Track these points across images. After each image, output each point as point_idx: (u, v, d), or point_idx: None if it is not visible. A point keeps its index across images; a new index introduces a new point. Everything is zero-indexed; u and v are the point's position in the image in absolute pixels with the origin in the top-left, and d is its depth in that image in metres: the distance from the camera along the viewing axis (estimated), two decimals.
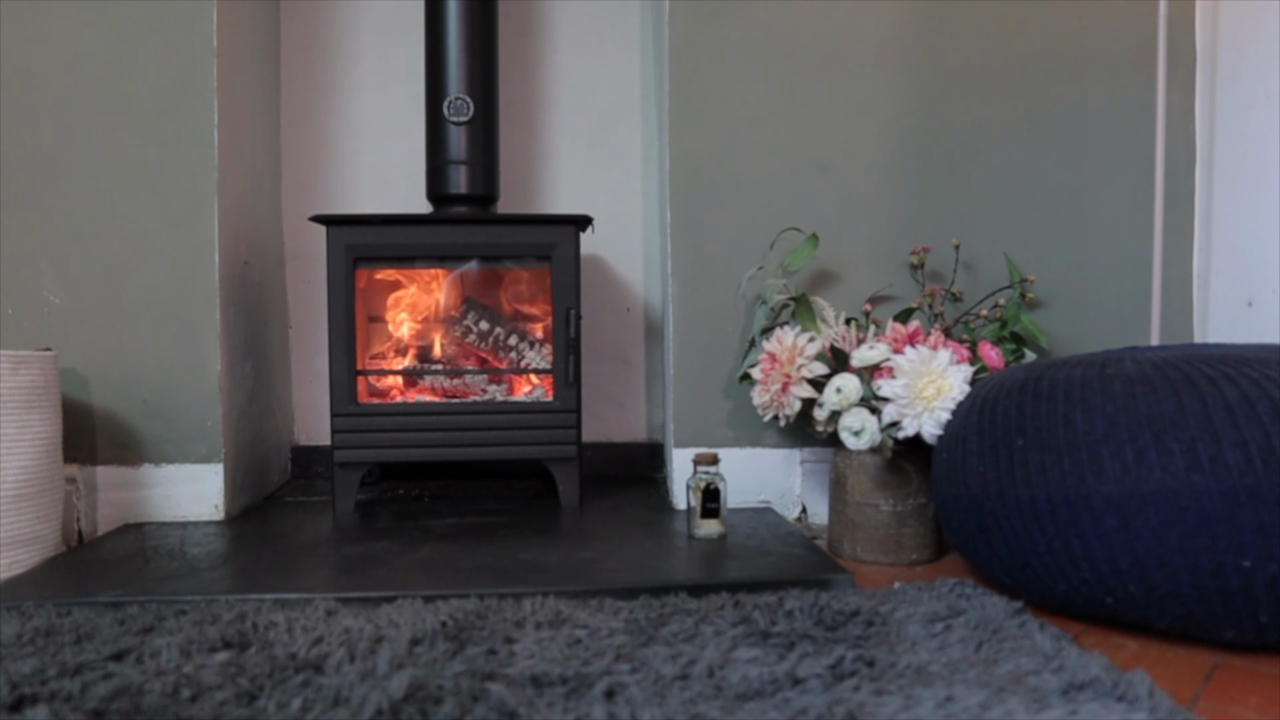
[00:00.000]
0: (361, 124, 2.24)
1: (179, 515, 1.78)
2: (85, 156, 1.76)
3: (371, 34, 2.24)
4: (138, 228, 1.76)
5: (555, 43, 2.27)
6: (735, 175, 1.89)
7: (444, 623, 1.14)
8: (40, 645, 1.09)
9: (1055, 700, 0.91)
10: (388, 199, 2.23)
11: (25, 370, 1.51)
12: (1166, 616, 1.12)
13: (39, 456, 1.53)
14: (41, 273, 1.75)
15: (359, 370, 1.86)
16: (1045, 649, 1.04)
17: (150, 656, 1.04)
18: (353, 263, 1.82)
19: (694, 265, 1.89)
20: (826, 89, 1.89)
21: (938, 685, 0.94)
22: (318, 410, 2.21)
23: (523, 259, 1.93)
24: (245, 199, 1.94)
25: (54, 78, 1.75)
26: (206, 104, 1.77)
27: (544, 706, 0.90)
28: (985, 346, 1.65)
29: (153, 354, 1.77)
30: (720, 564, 1.44)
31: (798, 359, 1.62)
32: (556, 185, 2.28)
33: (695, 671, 0.98)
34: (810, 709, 0.89)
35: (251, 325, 1.96)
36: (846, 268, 1.90)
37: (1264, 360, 1.14)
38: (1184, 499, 1.07)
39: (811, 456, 1.89)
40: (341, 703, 0.91)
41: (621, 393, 2.29)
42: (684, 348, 1.89)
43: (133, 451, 1.77)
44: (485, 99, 1.93)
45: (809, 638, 1.09)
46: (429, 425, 1.84)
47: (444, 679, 0.95)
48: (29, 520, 1.50)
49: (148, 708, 0.91)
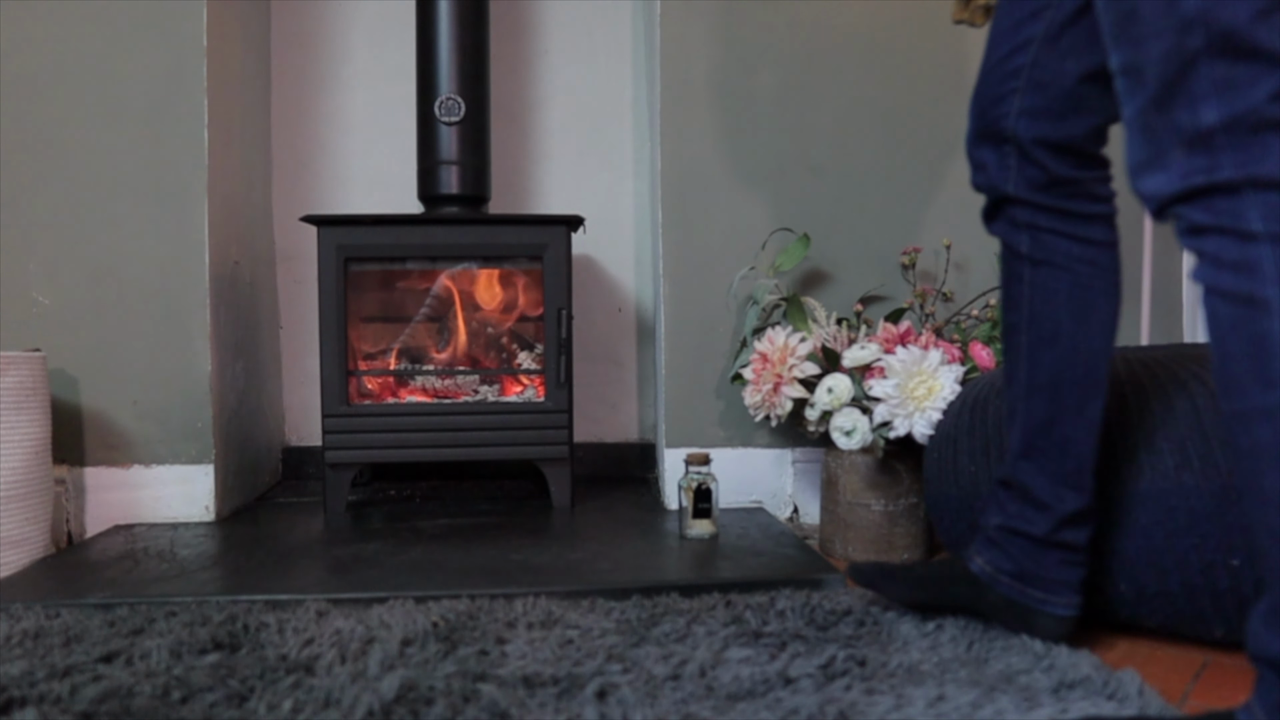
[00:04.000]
0: (352, 124, 2.24)
1: (169, 516, 1.77)
2: (74, 156, 1.75)
3: (362, 33, 2.23)
4: (127, 228, 1.76)
5: (547, 43, 2.27)
6: (727, 175, 1.89)
7: (435, 623, 1.14)
8: (29, 647, 1.08)
9: (1046, 699, 0.91)
10: (379, 199, 2.22)
11: (14, 371, 1.51)
12: (1156, 615, 1.12)
13: (28, 458, 1.52)
14: (30, 273, 1.74)
15: (351, 370, 1.85)
16: (1036, 648, 1.05)
17: (140, 658, 1.04)
18: (344, 263, 1.81)
19: (685, 265, 1.89)
20: (818, 89, 1.90)
21: (929, 684, 0.95)
22: (309, 411, 2.20)
23: (514, 259, 1.92)
24: (236, 199, 1.93)
25: (43, 77, 1.74)
26: (196, 103, 1.76)
27: (535, 707, 0.90)
28: (976, 346, 1.65)
29: (143, 355, 1.76)
30: (712, 564, 1.45)
31: (789, 359, 1.62)
32: (548, 185, 2.28)
33: (687, 671, 0.98)
34: (802, 709, 0.89)
35: (242, 326, 1.96)
36: (838, 268, 1.90)
37: None
38: (1173, 498, 1.08)
39: (803, 456, 1.90)
40: (333, 704, 0.91)
41: (613, 393, 2.29)
42: (675, 348, 1.89)
43: (122, 453, 1.76)
44: (476, 99, 1.93)
45: (801, 637, 1.10)
46: (420, 426, 1.84)
47: (435, 680, 0.95)
48: (18, 522, 1.49)
49: (138, 710, 0.90)
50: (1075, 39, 1.01)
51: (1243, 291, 0.76)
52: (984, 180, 1.10)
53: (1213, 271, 0.79)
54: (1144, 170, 0.82)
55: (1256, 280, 0.76)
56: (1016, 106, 1.05)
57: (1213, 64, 0.75)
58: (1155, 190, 0.81)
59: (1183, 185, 0.79)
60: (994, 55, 1.08)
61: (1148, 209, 0.84)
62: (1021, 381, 1.09)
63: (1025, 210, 1.07)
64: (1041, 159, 1.05)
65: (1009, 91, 1.05)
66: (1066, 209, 1.05)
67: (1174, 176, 0.79)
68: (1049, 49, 1.03)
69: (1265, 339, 0.75)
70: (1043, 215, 1.06)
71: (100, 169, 1.75)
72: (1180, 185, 0.79)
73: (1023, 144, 1.05)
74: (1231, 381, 0.78)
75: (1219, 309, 0.79)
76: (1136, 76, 0.81)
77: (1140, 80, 0.80)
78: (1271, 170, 0.75)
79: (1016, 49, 1.05)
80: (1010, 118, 1.05)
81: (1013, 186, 1.07)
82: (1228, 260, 0.77)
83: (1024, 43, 1.04)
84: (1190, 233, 0.81)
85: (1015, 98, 1.05)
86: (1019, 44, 1.04)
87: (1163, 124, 0.79)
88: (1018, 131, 1.05)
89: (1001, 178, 1.07)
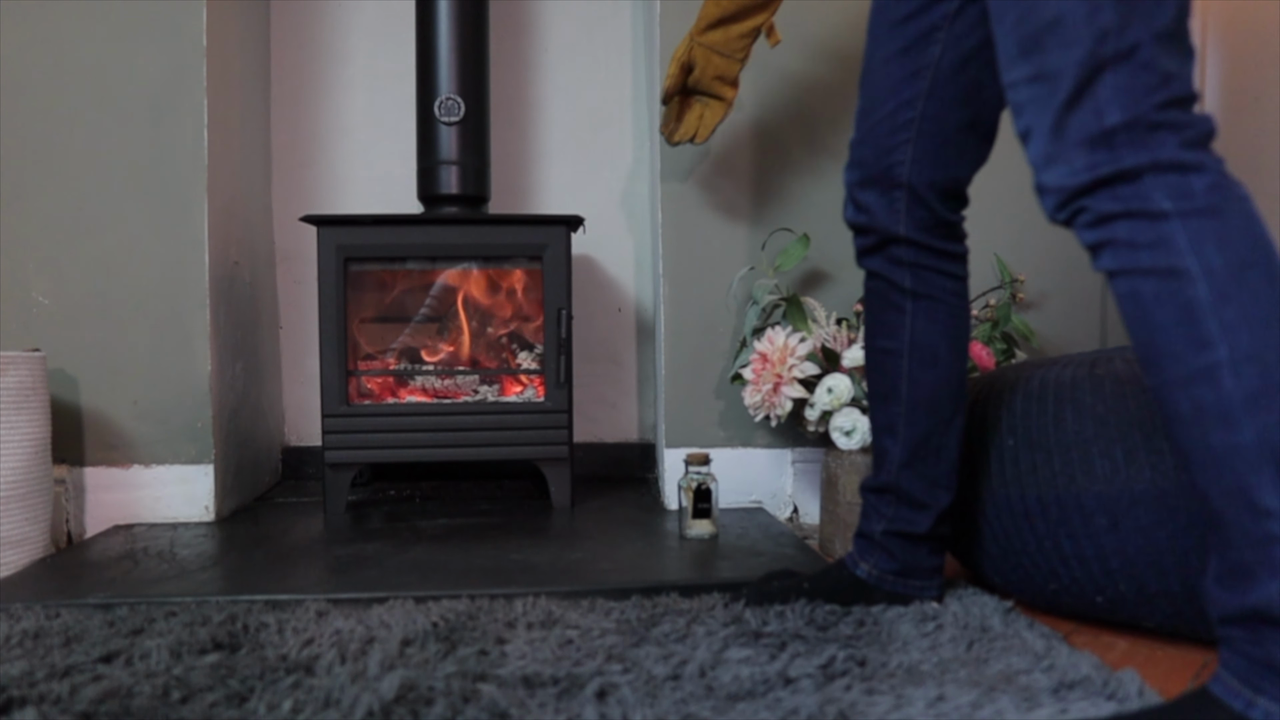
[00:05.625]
0: (352, 124, 2.24)
1: (169, 516, 1.77)
2: (74, 157, 1.75)
3: (362, 34, 2.23)
4: (127, 228, 1.76)
5: (547, 43, 2.27)
6: (726, 176, 1.89)
7: (435, 623, 1.14)
8: (29, 647, 1.08)
9: (1046, 699, 0.91)
10: (378, 199, 2.22)
11: (14, 371, 1.51)
12: (1157, 615, 1.12)
13: (28, 458, 1.52)
14: (30, 273, 1.74)
15: (350, 370, 1.85)
16: (1036, 648, 1.05)
17: (140, 658, 1.04)
18: (344, 263, 1.81)
19: (685, 265, 1.89)
20: (818, 88, 1.90)
21: (929, 685, 0.95)
22: (309, 411, 2.20)
23: (514, 259, 1.92)
24: (235, 199, 1.93)
25: (43, 78, 1.74)
26: (196, 104, 1.76)
27: (535, 707, 0.90)
28: (976, 346, 1.65)
29: (142, 355, 1.76)
30: (712, 564, 1.45)
31: (789, 359, 1.62)
32: (548, 186, 2.28)
33: (687, 672, 0.98)
34: (802, 709, 0.89)
35: (242, 326, 1.96)
36: (838, 268, 1.90)
37: None
38: (1174, 498, 1.08)
39: (803, 456, 1.90)
40: (332, 704, 0.91)
41: (613, 393, 2.29)
42: (675, 348, 1.89)
43: (122, 453, 1.76)
44: (476, 99, 1.93)
45: (800, 637, 1.10)
46: (420, 426, 1.84)
47: (435, 680, 0.95)
48: (17, 522, 1.49)
49: (137, 710, 0.90)
50: (958, 91, 1.14)
51: (1162, 265, 0.83)
52: (866, 221, 1.21)
53: (1128, 254, 0.85)
54: (1050, 165, 0.89)
55: (1175, 254, 0.82)
56: (910, 155, 1.17)
57: (1117, 72, 0.84)
58: (1062, 182, 0.88)
59: (1090, 176, 0.85)
60: (878, 111, 1.18)
61: (1049, 205, 0.90)
62: (903, 400, 1.21)
63: (910, 250, 1.19)
64: (931, 202, 1.17)
65: (901, 142, 1.17)
66: (944, 249, 1.19)
67: (1079, 169, 0.86)
68: (934, 102, 1.15)
69: (1193, 305, 0.81)
70: (925, 254, 1.19)
71: (100, 169, 1.75)
72: (1087, 177, 0.86)
73: (916, 189, 1.17)
74: (1162, 353, 0.84)
75: (1141, 287, 0.84)
76: (1049, 81, 0.88)
77: (1053, 85, 0.87)
78: (1169, 154, 0.83)
79: (902, 105, 1.16)
80: (904, 165, 1.17)
81: (903, 228, 1.18)
82: (1143, 241, 0.84)
83: (910, 99, 1.16)
84: (1098, 223, 0.87)
85: (907, 148, 1.17)
86: (904, 101, 1.16)
87: (1072, 122, 0.86)
88: (911, 178, 1.17)
89: (891, 220, 1.18)
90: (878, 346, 1.24)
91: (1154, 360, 0.85)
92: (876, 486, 1.25)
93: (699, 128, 1.63)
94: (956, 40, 1.13)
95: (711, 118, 1.62)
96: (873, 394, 1.26)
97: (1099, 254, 0.88)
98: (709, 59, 1.55)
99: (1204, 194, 0.82)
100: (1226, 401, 0.79)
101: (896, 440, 1.22)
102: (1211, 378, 0.80)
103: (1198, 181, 0.83)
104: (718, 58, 1.55)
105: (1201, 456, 0.82)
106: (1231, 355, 0.79)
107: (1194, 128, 0.84)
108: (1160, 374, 0.84)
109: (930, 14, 1.14)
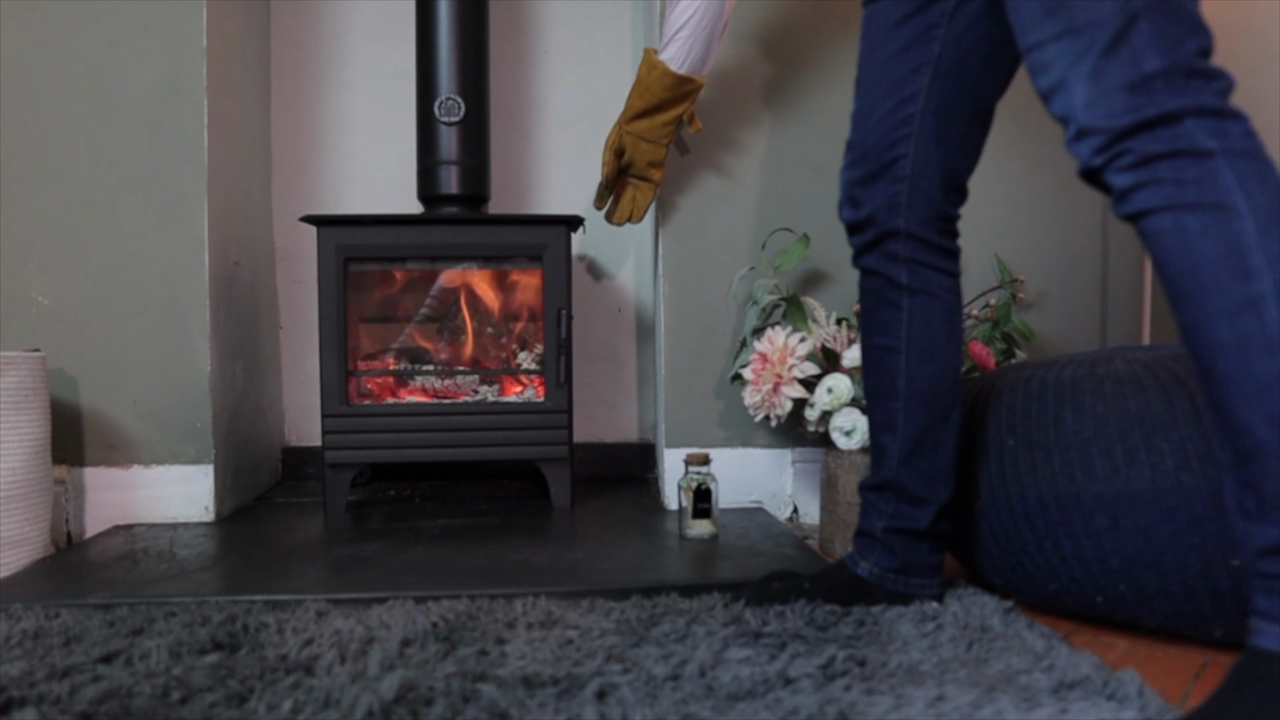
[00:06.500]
0: (352, 124, 2.24)
1: (169, 517, 1.77)
2: (74, 157, 1.75)
3: (362, 34, 2.23)
4: (127, 228, 1.76)
5: (547, 43, 2.27)
6: (726, 175, 1.89)
7: (435, 624, 1.14)
8: (29, 648, 1.08)
9: (1046, 699, 0.91)
10: (378, 199, 2.22)
11: (13, 371, 1.51)
12: (1156, 615, 1.12)
13: (27, 458, 1.52)
14: (30, 273, 1.74)
15: (350, 371, 1.85)
16: (1036, 648, 1.05)
17: (140, 658, 1.04)
18: (344, 263, 1.81)
19: (685, 265, 1.89)
20: (818, 88, 1.90)
21: (929, 684, 0.94)
22: (308, 411, 2.20)
23: (514, 259, 1.92)
24: (235, 199, 1.93)
25: (42, 78, 1.74)
26: (196, 104, 1.76)
27: (535, 707, 0.90)
28: (976, 346, 1.65)
29: (142, 355, 1.76)
30: (712, 564, 1.45)
31: (789, 359, 1.62)
32: (548, 186, 2.28)
33: (687, 672, 0.98)
34: (802, 709, 0.89)
35: (242, 326, 1.96)
36: (838, 268, 1.90)
37: None
38: (1174, 498, 1.08)
39: (803, 456, 1.90)
40: (332, 704, 0.91)
41: (613, 393, 2.29)
42: (675, 348, 1.89)
43: (122, 453, 1.76)
44: (476, 99, 1.93)
45: (800, 638, 1.10)
46: (420, 426, 1.84)
47: (435, 680, 0.95)
48: (17, 522, 1.49)
49: (137, 710, 0.90)
50: (958, 85, 1.17)
51: (1210, 200, 0.85)
52: (863, 216, 1.22)
53: (1173, 189, 0.87)
54: (1090, 108, 0.90)
55: (1222, 190, 0.85)
56: (912, 149, 1.19)
57: (1151, 19, 0.87)
58: (1107, 123, 0.89)
59: (1134, 119, 0.87)
60: (879, 109, 1.20)
61: (1090, 147, 0.91)
62: (901, 396, 1.22)
63: (907, 244, 1.20)
64: (933, 195, 1.19)
65: (903, 137, 1.19)
66: (940, 244, 1.22)
67: (1119, 111, 0.88)
68: (935, 97, 1.18)
69: (1240, 237, 0.83)
70: (922, 249, 1.21)
71: (100, 169, 1.75)
72: (1131, 119, 0.87)
73: (918, 182, 1.19)
74: (1206, 284, 0.85)
75: (1187, 221, 0.86)
76: (1083, 34, 0.90)
77: (1089, 36, 0.90)
78: (1209, 101, 0.86)
79: (904, 100, 1.18)
80: (907, 159, 1.19)
81: (902, 222, 1.20)
82: (1189, 177, 0.86)
83: (912, 94, 1.18)
84: (1140, 164, 0.88)
85: (910, 142, 1.19)
86: (906, 96, 1.18)
87: (1110, 69, 0.89)
88: (913, 171, 1.19)
89: (890, 215, 1.20)
90: (875, 344, 1.25)
91: (1193, 293, 0.86)
92: (876, 484, 1.25)
93: (633, 209, 1.77)
94: (955, 37, 1.16)
95: (643, 199, 1.78)
96: (870, 391, 1.26)
97: (1133, 195, 0.89)
98: (638, 145, 1.70)
99: (1241, 138, 0.86)
100: (1272, 330, 0.81)
101: (895, 436, 1.23)
102: (1257, 308, 0.82)
103: (1234, 127, 0.86)
104: (645, 144, 1.69)
105: (1247, 386, 0.83)
106: (1276, 286, 0.82)
107: (1224, 78, 0.88)
108: (1201, 306, 0.85)
109: (928, 14, 1.16)
